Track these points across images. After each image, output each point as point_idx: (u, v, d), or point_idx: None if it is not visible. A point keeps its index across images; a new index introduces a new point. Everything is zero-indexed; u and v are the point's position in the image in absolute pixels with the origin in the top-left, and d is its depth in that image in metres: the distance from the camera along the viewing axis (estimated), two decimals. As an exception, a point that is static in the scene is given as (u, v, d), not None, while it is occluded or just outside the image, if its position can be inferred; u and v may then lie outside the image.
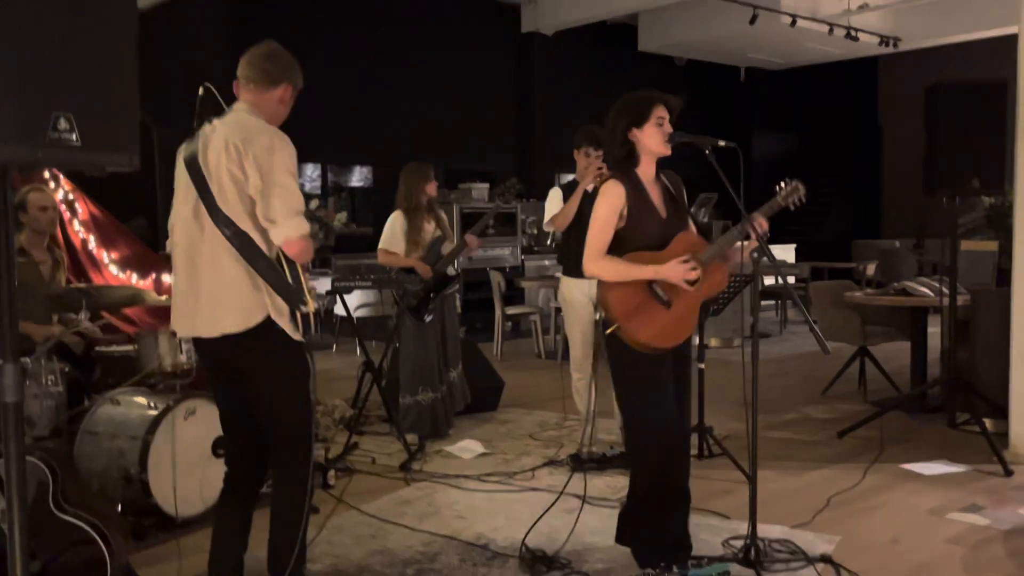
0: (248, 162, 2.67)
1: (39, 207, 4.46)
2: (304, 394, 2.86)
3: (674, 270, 3.13)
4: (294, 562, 2.80)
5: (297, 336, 2.79)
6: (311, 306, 2.77)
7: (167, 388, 4.14)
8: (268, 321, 2.73)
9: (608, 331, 3.17)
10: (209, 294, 2.76)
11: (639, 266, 3.15)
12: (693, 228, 3.42)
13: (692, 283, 3.19)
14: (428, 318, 5.33)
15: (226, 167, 2.69)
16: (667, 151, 3.27)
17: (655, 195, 3.29)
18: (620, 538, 3.38)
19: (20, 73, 1.66)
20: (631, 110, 3.24)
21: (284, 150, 2.72)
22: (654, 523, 3.27)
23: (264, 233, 2.71)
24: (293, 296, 2.73)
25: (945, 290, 5.36)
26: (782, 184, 3.34)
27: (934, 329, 6.19)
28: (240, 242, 2.69)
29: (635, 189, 3.23)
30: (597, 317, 3.39)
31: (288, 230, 2.68)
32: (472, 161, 12.71)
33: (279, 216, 2.67)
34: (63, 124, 1.70)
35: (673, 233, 3.27)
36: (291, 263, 2.75)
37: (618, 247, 3.21)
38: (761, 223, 3.28)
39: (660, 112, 3.24)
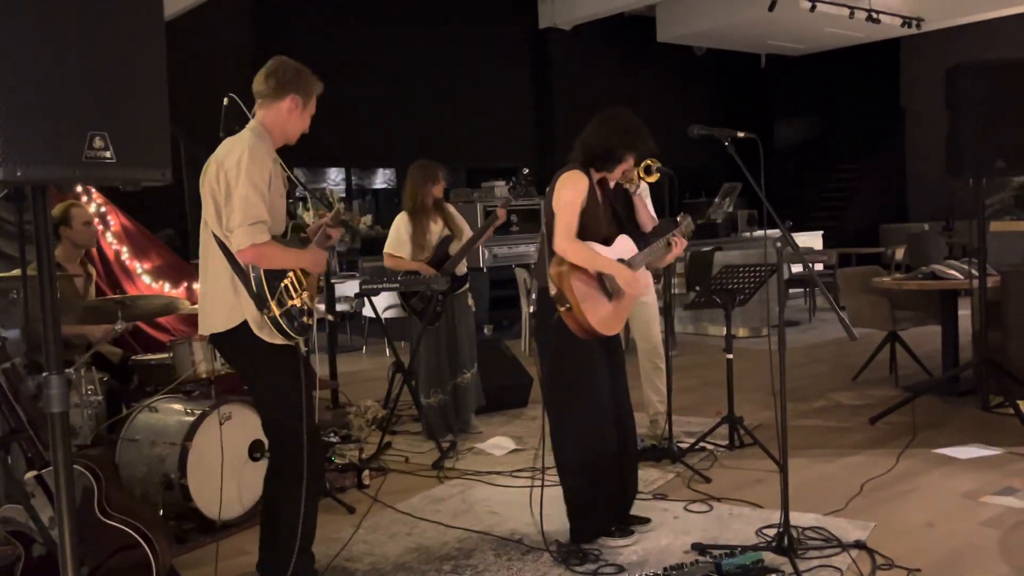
0: (222, 176, 2.86)
1: (83, 222, 4.56)
2: (291, 403, 2.95)
3: (627, 278, 3.48)
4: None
5: (277, 340, 2.91)
6: (275, 311, 2.87)
7: (202, 394, 4.23)
8: (246, 325, 2.89)
9: (562, 309, 3.39)
10: (204, 296, 3.01)
11: (605, 258, 3.47)
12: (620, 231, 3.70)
13: None
14: (435, 322, 5.25)
15: (209, 183, 2.91)
16: (621, 178, 3.65)
17: (600, 195, 3.60)
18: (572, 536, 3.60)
19: (55, 95, 1.72)
20: (633, 140, 3.50)
21: (252, 163, 2.84)
22: (588, 503, 3.54)
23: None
24: (256, 300, 2.87)
25: (974, 272, 5.32)
26: (680, 216, 3.74)
27: (964, 312, 6.14)
28: (224, 250, 2.89)
29: (592, 185, 3.53)
30: (531, 304, 3.65)
31: (239, 240, 2.81)
32: (493, 159, 12.76)
33: (234, 226, 2.82)
34: (98, 143, 1.76)
35: (612, 232, 3.61)
36: (268, 270, 2.89)
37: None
38: (679, 241, 3.66)
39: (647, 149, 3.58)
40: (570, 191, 3.48)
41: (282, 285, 2.90)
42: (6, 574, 3.33)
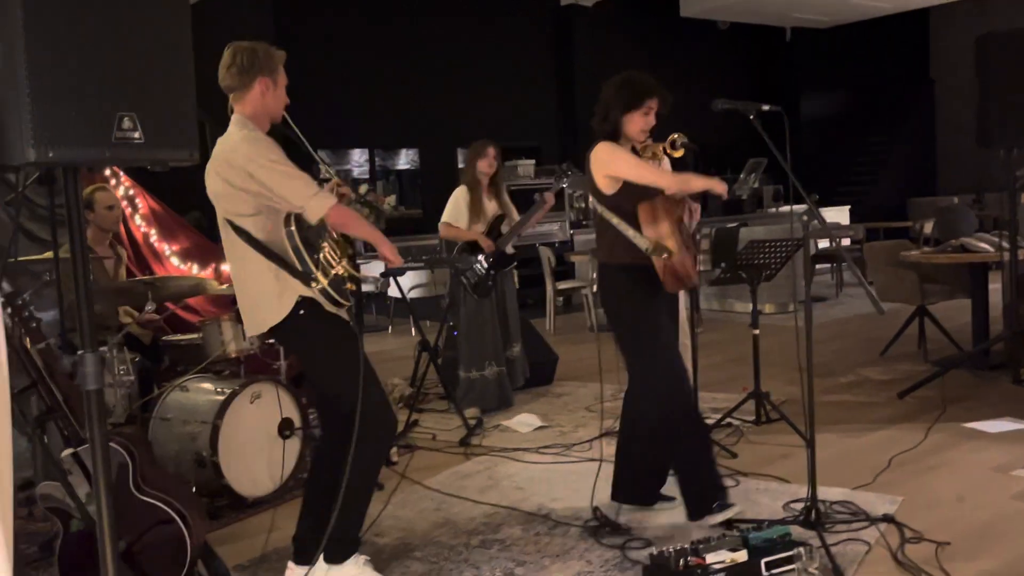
0: (241, 179, 2.83)
1: (106, 206, 4.62)
2: (345, 372, 2.91)
3: (708, 181, 3.37)
4: (327, 539, 2.91)
5: (331, 309, 2.93)
6: (323, 281, 2.87)
7: (232, 374, 4.29)
8: (296, 307, 2.89)
9: (662, 257, 3.31)
10: (247, 296, 2.98)
11: (694, 176, 3.38)
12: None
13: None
14: (489, 294, 5.46)
15: (211, 184, 2.91)
16: (641, 139, 3.49)
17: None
18: (616, 495, 3.66)
19: (85, 78, 1.75)
20: (627, 94, 3.41)
21: (260, 150, 2.83)
22: (691, 466, 3.48)
23: (264, 225, 2.87)
24: (303, 277, 2.87)
25: (1005, 245, 5.25)
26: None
27: (995, 285, 6.06)
28: (254, 244, 2.87)
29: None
30: (592, 284, 3.57)
31: (316, 209, 2.82)
32: (517, 138, 12.72)
33: (300, 202, 2.82)
34: (127, 124, 1.79)
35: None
36: (304, 243, 2.88)
37: (627, 201, 3.40)
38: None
39: (652, 103, 3.41)
40: (615, 155, 3.41)
41: (321, 257, 2.91)
42: (45, 549, 3.41)
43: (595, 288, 3.60)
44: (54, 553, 2.95)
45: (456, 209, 5.52)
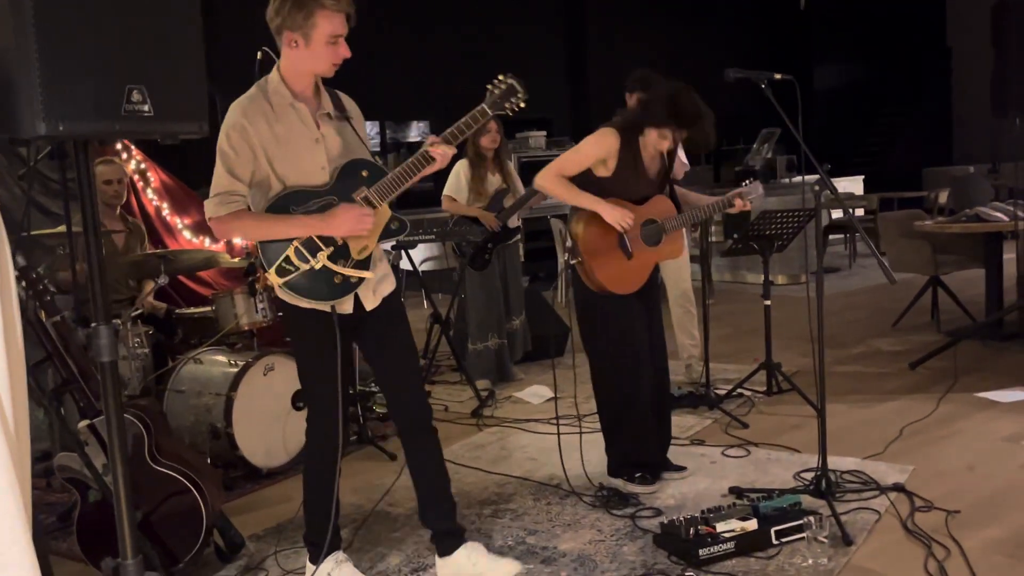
0: None
1: (103, 180, 4.59)
2: (306, 366, 2.82)
3: (611, 212, 3.39)
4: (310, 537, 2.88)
5: (298, 302, 2.70)
6: (274, 280, 2.65)
7: (245, 346, 4.32)
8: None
9: (572, 261, 3.46)
10: None
11: (585, 195, 3.43)
12: (667, 193, 3.67)
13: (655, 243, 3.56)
14: (485, 267, 5.42)
15: None
16: (653, 153, 3.53)
17: (647, 158, 3.53)
18: (620, 472, 3.69)
19: (94, 51, 1.75)
20: (660, 111, 3.39)
21: (226, 131, 2.63)
22: (622, 447, 3.65)
23: (255, 200, 2.71)
24: (263, 265, 2.71)
25: (1020, 214, 5.21)
26: (747, 182, 3.65)
27: (1009, 255, 6.02)
28: None
29: (628, 148, 3.47)
30: (568, 247, 3.57)
31: (206, 210, 2.66)
32: (528, 109, 12.60)
33: (211, 192, 2.66)
34: (136, 96, 1.79)
35: (653, 194, 3.57)
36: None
37: (600, 195, 3.46)
38: (745, 202, 3.59)
39: (676, 134, 3.41)
40: (588, 145, 3.49)
41: (289, 251, 2.64)
42: (63, 519, 3.47)
43: (567, 259, 3.60)
44: (72, 523, 3.01)
45: (457, 183, 5.43)
